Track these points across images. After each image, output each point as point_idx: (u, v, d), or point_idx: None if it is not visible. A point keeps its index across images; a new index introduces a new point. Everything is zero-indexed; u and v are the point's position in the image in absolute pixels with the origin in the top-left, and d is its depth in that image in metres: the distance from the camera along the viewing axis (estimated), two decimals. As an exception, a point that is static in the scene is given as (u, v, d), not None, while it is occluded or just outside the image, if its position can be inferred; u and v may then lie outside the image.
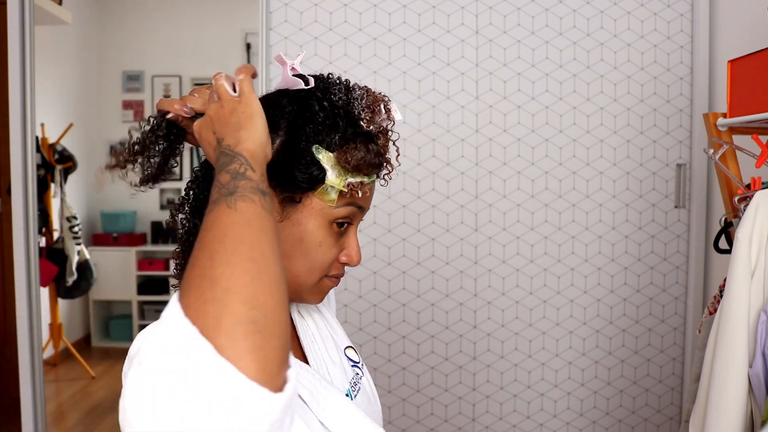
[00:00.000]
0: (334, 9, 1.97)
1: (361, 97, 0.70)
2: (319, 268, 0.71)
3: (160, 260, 4.27)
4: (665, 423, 2.11)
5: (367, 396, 0.80)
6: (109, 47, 4.37)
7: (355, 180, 0.69)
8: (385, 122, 0.72)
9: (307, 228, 0.69)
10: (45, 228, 3.38)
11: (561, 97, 2.02)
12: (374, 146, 0.69)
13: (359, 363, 0.84)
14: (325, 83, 0.72)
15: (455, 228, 2.03)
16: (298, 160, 0.67)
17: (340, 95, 0.70)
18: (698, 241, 2.03)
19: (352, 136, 0.68)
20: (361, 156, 0.67)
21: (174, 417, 0.41)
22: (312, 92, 0.70)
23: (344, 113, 0.69)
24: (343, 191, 0.68)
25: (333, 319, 0.87)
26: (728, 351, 1.09)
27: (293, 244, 0.69)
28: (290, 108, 0.69)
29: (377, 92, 0.73)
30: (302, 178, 0.67)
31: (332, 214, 0.69)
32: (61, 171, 3.47)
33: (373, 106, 0.70)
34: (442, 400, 2.06)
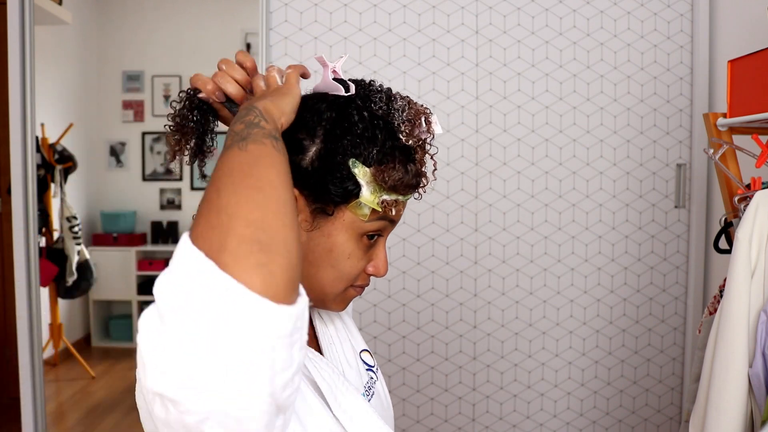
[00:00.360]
0: (334, 9, 1.97)
1: (402, 109, 0.69)
2: (346, 278, 0.71)
3: (160, 260, 4.27)
4: (665, 423, 2.11)
5: (380, 400, 0.80)
6: (109, 47, 4.37)
7: (389, 198, 0.68)
8: (425, 135, 0.70)
9: (338, 240, 0.69)
10: (45, 228, 3.38)
11: (561, 97, 2.02)
12: (413, 166, 0.68)
13: (374, 367, 0.84)
14: (366, 90, 0.70)
15: (455, 228, 2.03)
16: (334, 173, 0.66)
17: (380, 105, 0.69)
18: (698, 241, 2.03)
19: (390, 150, 0.67)
20: (399, 177, 0.67)
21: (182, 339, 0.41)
22: (352, 99, 0.69)
23: (383, 124, 0.68)
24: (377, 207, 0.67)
25: (351, 322, 0.87)
26: (728, 351, 1.09)
27: (322, 254, 0.69)
28: (328, 114, 0.67)
29: (419, 104, 0.71)
30: (336, 192, 0.66)
31: (363, 227, 0.69)
32: (61, 171, 3.47)
33: (414, 119, 0.69)
34: (442, 400, 2.06)
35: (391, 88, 0.72)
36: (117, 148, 4.45)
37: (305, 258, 0.70)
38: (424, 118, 0.70)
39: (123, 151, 4.45)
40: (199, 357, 0.41)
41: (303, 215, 0.68)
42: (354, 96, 0.69)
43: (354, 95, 0.69)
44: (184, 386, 0.41)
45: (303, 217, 0.68)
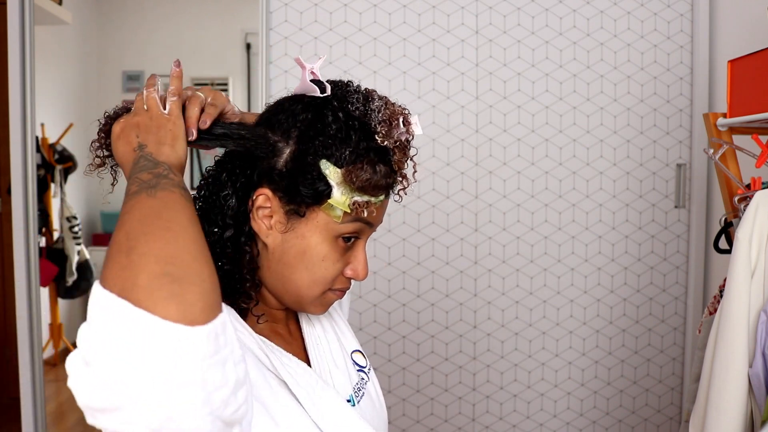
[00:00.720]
0: (334, 9, 1.97)
1: (378, 109, 0.68)
2: (321, 281, 0.70)
3: (160, 260, 4.27)
4: (665, 423, 2.11)
5: (372, 401, 0.79)
6: (109, 47, 4.37)
7: (361, 199, 0.67)
8: (404, 136, 0.69)
9: (311, 242, 0.68)
10: (45, 228, 3.38)
11: (561, 97, 2.02)
12: (382, 167, 0.67)
13: (366, 368, 0.83)
14: (342, 91, 0.69)
15: (455, 228, 2.03)
16: (305, 174, 0.66)
17: (357, 105, 0.68)
18: (698, 241, 2.03)
19: (364, 151, 0.66)
20: (367, 177, 0.65)
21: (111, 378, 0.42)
22: (328, 100, 0.68)
23: (359, 125, 0.67)
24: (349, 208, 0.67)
25: (343, 322, 0.86)
26: (728, 351, 1.09)
27: (296, 256, 0.68)
28: (303, 116, 0.67)
29: (397, 105, 0.70)
30: (307, 193, 0.66)
31: (337, 229, 0.68)
32: (61, 171, 3.47)
33: (391, 120, 0.67)
34: (442, 400, 2.06)
35: (369, 89, 0.71)
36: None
37: (280, 260, 0.69)
38: (403, 118, 0.68)
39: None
40: (131, 392, 0.42)
41: (277, 216, 0.68)
42: (330, 97, 0.68)
43: (330, 96, 0.68)
44: (124, 422, 0.42)
45: (277, 219, 0.68)
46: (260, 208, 0.68)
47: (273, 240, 0.69)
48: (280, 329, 0.76)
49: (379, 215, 0.71)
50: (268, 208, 0.68)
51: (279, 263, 0.69)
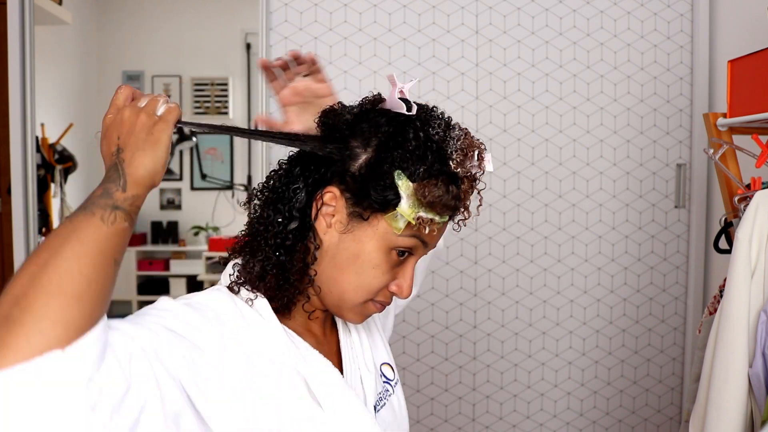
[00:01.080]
0: (334, 9, 1.97)
1: (458, 138, 0.69)
2: (367, 289, 0.71)
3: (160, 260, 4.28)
4: (665, 423, 2.11)
5: (393, 413, 0.81)
6: (109, 47, 4.38)
7: (426, 215, 0.67)
8: (475, 169, 0.71)
9: (366, 248, 0.69)
10: (45, 228, 3.38)
11: (561, 97, 2.02)
12: (455, 189, 0.68)
13: (392, 381, 0.84)
14: (427, 114, 0.71)
15: (455, 228, 2.03)
16: (378, 180, 0.67)
17: (438, 130, 0.69)
18: (698, 241, 2.03)
19: (437, 172, 0.68)
20: (439, 195, 0.66)
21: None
22: (411, 119, 0.70)
23: (437, 148, 0.68)
24: (412, 223, 0.67)
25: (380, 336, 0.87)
26: (728, 351, 1.09)
27: (348, 258, 0.70)
28: (386, 129, 0.69)
29: (476, 138, 0.72)
30: (376, 198, 0.67)
31: (395, 241, 0.69)
32: (61, 171, 3.47)
33: (467, 150, 0.69)
34: (442, 400, 2.06)
35: (452, 118, 0.73)
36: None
37: (332, 259, 0.71)
38: (478, 152, 0.70)
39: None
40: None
41: (339, 216, 0.70)
42: (414, 117, 0.70)
43: (414, 116, 0.70)
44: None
45: (338, 218, 0.70)
46: (325, 205, 0.70)
47: (330, 238, 0.71)
48: (315, 329, 0.77)
49: (436, 237, 0.72)
50: (333, 207, 0.70)
51: (330, 263, 0.71)
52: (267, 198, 0.73)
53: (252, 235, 0.73)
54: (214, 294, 0.70)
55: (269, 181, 0.74)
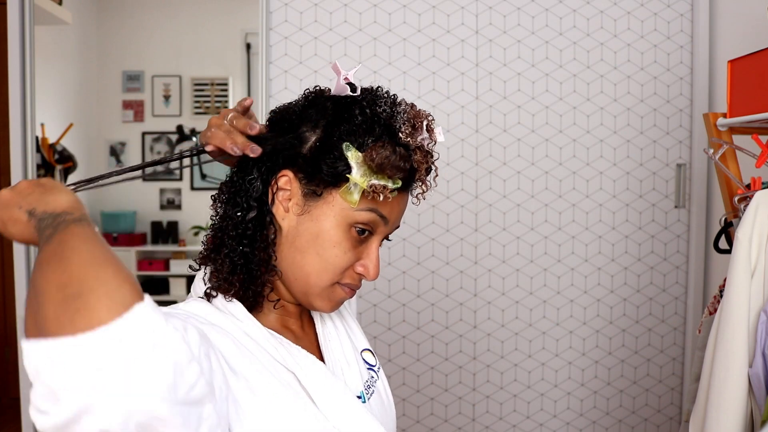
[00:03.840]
0: (334, 9, 1.97)
1: (404, 111, 0.71)
2: (331, 269, 0.70)
3: (160, 260, 4.27)
4: (665, 423, 2.11)
5: (381, 399, 0.80)
6: (109, 47, 4.37)
7: (378, 182, 0.68)
8: (426, 141, 0.71)
9: (324, 226, 0.69)
10: (45, 228, 3.38)
11: (561, 97, 2.02)
12: (401, 149, 0.68)
13: (375, 366, 0.84)
14: (372, 95, 0.72)
15: (455, 228, 2.03)
16: (327, 153, 0.68)
17: (384, 107, 0.70)
18: (698, 241, 2.03)
19: (386, 142, 0.68)
20: (386, 155, 0.67)
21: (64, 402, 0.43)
22: (357, 100, 0.71)
23: (384, 124, 0.70)
24: (366, 192, 0.68)
25: (352, 320, 0.87)
26: (728, 351, 1.09)
27: (309, 239, 0.70)
28: (333, 110, 0.70)
29: (422, 110, 0.72)
30: (327, 171, 0.68)
31: (352, 216, 0.69)
32: (61, 171, 3.47)
33: (414, 121, 0.70)
34: (442, 400, 2.06)
35: (397, 95, 0.74)
36: (117, 148, 4.45)
37: (292, 243, 0.71)
38: (426, 123, 0.71)
39: (123, 151, 4.45)
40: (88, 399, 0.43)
41: (295, 199, 0.70)
42: (360, 97, 0.72)
43: (360, 96, 0.72)
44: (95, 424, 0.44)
45: (295, 201, 0.70)
46: (281, 190, 0.71)
47: (288, 223, 0.71)
48: (291, 324, 0.77)
49: (394, 210, 0.72)
50: (288, 191, 0.71)
51: (291, 247, 0.71)
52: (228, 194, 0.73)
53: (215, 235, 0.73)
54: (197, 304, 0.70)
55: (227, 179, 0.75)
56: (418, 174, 0.71)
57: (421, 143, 0.71)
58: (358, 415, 0.70)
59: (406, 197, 0.74)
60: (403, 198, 0.73)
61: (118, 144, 4.43)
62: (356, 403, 0.71)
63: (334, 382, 0.71)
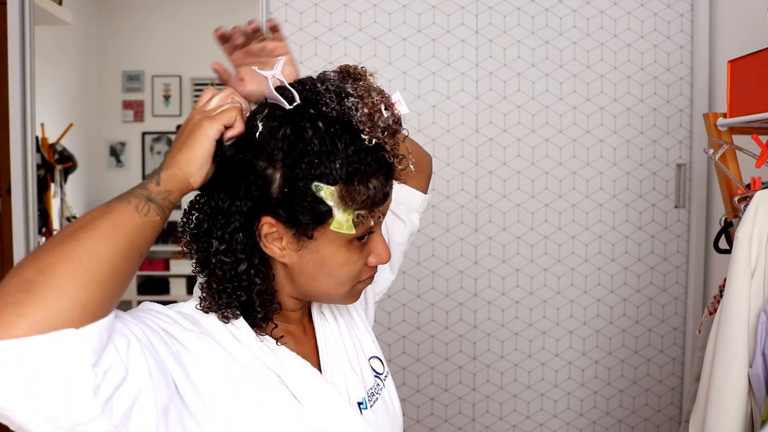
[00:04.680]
0: (334, 9, 1.97)
1: (355, 107, 0.64)
2: (348, 280, 0.71)
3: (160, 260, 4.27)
4: (665, 423, 2.11)
5: (386, 408, 0.80)
6: (109, 47, 4.37)
7: (364, 212, 0.66)
8: (390, 120, 0.65)
9: (326, 253, 0.68)
10: (45, 228, 3.38)
11: (561, 97, 2.02)
12: (375, 181, 0.64)
13: (382, 374, 0.83)
14: (312, 93, 0.65)
15: (455, 228, 2.03)
16: (300, 201, 0.64)
17: (332, 105, 0.64)
18: (698, 241, 2.03)
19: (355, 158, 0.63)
20: (363, 198, 0.63)
21: None
22: (302, 107, 0.65)
23: (341, 129, 0.64)
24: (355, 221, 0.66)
25: (365, 327, 0.86)
26: (728, 351, 1.09)
27: (316, 268, 0.69)
28: (282, 132, 0.64)
29: (374, 92, 0.66)
30: (307, 219, 0.65)
31: (350, 236, 0.67)
32: (61, 171, 3.47)
33: (371, 112, 0.64)
34: (442, 400, 2.06)
35: (340, 83, 0.66)
36: (117, 148, 4.45)
37: (301, 273, 0.69)
38: (384, 105, 0.65)
39: (123, 151, 4.45)
40: None
41: (286, 238, 0.67)
42: (302, 104, 0.65)
43: (300, 104, 0.65)
44: None
45: (287, 240, 0.67)
46: (267, 235, 0.67)
47: (290, 259, 0.69)
48: (293, 329, 0.77)
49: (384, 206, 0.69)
50: (275, 232, 0.67)
51: (301, 276, 0.70)
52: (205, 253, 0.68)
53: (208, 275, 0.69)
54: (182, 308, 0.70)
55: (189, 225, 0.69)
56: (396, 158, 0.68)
57: (386, 126, 0.65)
58: (351, 422, 0.70)
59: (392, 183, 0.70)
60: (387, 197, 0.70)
61: (118, 144, 4.43)
62: (350, 410, 0.71)
63: (327, 387, 0.71)
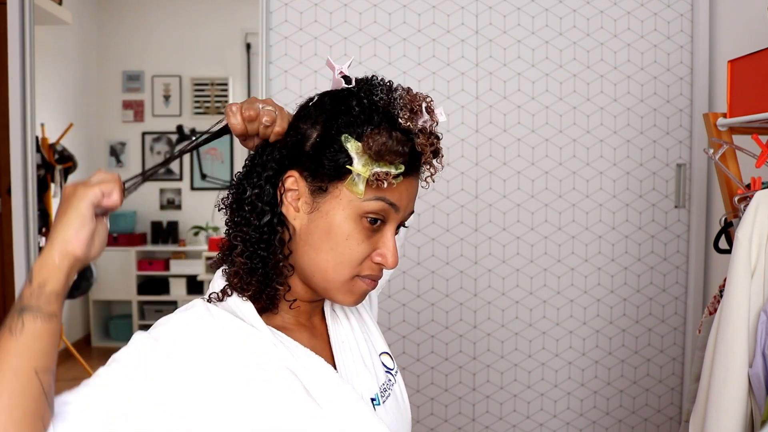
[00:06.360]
0: (334, 9, 1.97)
1: (401, 96, 0.70)
2: (347, 263, 0.70)
3: (160, 260, 4.27)
4: (665, 423, 2.11)
5: (397, 403, 0.80)
6: (109, 47, 4.37)
7: (381, 170, 0.67)
8: (428, 123, 0.70)
9: (335, 220, 0.69)
10: (45, 228, 3.38)
11: (561, 97, 2.02)
12: (397, 134, 0.68)
13: (393, 370, 0.83)
14: (368, 84, 0.72)
15: (455, 228, 2.03)
16: (327, 147, 0.68)
17: (381, 95, 0.70)
18: (698, 241, 2.03)
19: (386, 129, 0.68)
20: (383, 141, 0.66)
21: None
22: (354, 91, 0.71)
23: (383, 111, 0.69)
24: (370, 181, 0.68)
25: (373, 324, 0.86)
26: (728, 351, 1.09)
27: (321, 236, 0.70)
28: (330, 105, 0.71)
29: (419, 93, 0.71)
30: (329, 165, 0.68)
31: (361, 207, 0.69)
32: (61, 171, 3.46)
33: (412, 105, 0.69)
34: (442, 400, 2.06)
35: (393, 82, 0.73)
36: (117, 148, 4.46)
37: (306, 241, 0.71)
38: (426, 105, 0.70)
39: (123, 151, 4.45)
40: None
41: (304, 198, 0.71)
42: (356, 89, 0.72)
43: (356, 87, 0.72)
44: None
45: (304, 200, 0.71)
46: (289, 191, 0.71)
47: (300, 222, 0.71)
48: (305, 322, 0.77)
49: (403, 196, 0.71)
50: (296, 190, 0.71)
51: (306, 245, 0.71)
52: (238, 198, 0.73)
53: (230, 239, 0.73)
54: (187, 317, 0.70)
55: (237, 182, 0.75)
56: (424, 157, 0.71)
57: (423, 126, 0.70)
58: (366, 420, 0.70)
59: (415, 182, 0.73)
60: (411, 183, 0.72)
61: (118, 144, 4.44)
62: (365, 408, 0.71)
63: (342, 385, 0.71)
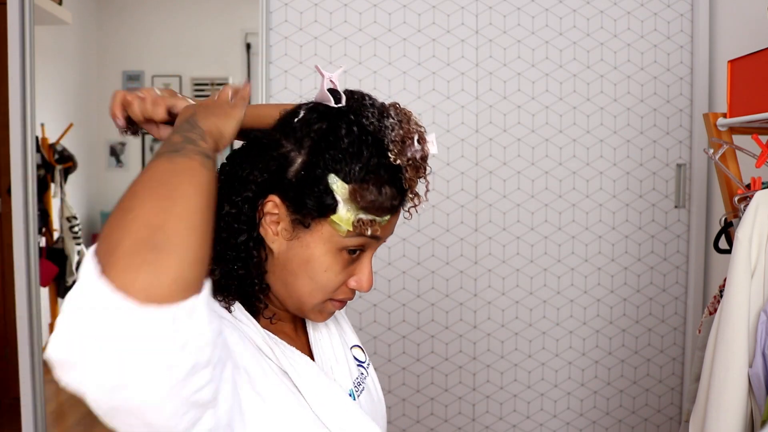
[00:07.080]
0: (334, 9, 1.97)
1: (392, 127, 0.67)
2: (323, 291, 0.70)
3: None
4: (665, 423, 2.11)
5: (370, 395, 0.81)
6: (109, 47, 4.37)
7: (366, 217, 0.66)
8: (419, 154, 0.68)
9: (315, 252, 0.68)
10: (45, 228, 3.39)
11: (561, 97, 2.02)
12: (388, 189, 0.66)
13: (365, 363, 0.84)
14: (358, 104, 0.69)
15: (455, 228, 2.03)
16: (312, 186, 0.66)
17: (372, 120, 0.67)
18: (698, 241, 2.03)
19: (375, 168, 0.66)
20: (372, 199, 0.65)
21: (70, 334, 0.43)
22: (344, 112, 0.68)
23: (372, 140, 0.66)
24: (354, 225, 0.66)
25: (342, 318, 0.88)
26: (728, 351, 1.09)
27: (300, 264, 0.69)
28: (318, 126, 0.67)
29: (414, 122, 0.69)
30: (312, 205, 0.66)
31: (342, 242, 0.68)
32: (61, 171, 3.47)
33: (404, 138, 0.67)
34: (442, 400, 2.06)
35: (385, 104, 0.70)
36: (117, 148, 4.45)
37: (284, 266, 0.70)
38: (418, 137, 0.68)
39: (123, 151, 4.45)
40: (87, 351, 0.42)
41: (283, 224, 0.69)
42: (345, 108, 0.68)
43: (345, 107, 0.68)
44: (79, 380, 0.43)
45: (283, 226, 0.69)
46: (268, 214, 0.69)
47: (278, 246, 0.70)
48: (285, 327, 0.78)
49: (385, 231, 0.70)
50: (276, 215, 0.69)
51: (283, 270, 0.70)
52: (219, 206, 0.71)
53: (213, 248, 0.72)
54: None
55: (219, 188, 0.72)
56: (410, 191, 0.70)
57: (413, 157, 0.67)
58: (350, 414, 0.71)
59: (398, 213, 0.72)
60: (395, 216, 0.71)
61: (118, 144, 4.43)
62: (348, 402, 0.72)
63: (326, 381, 0.72)
